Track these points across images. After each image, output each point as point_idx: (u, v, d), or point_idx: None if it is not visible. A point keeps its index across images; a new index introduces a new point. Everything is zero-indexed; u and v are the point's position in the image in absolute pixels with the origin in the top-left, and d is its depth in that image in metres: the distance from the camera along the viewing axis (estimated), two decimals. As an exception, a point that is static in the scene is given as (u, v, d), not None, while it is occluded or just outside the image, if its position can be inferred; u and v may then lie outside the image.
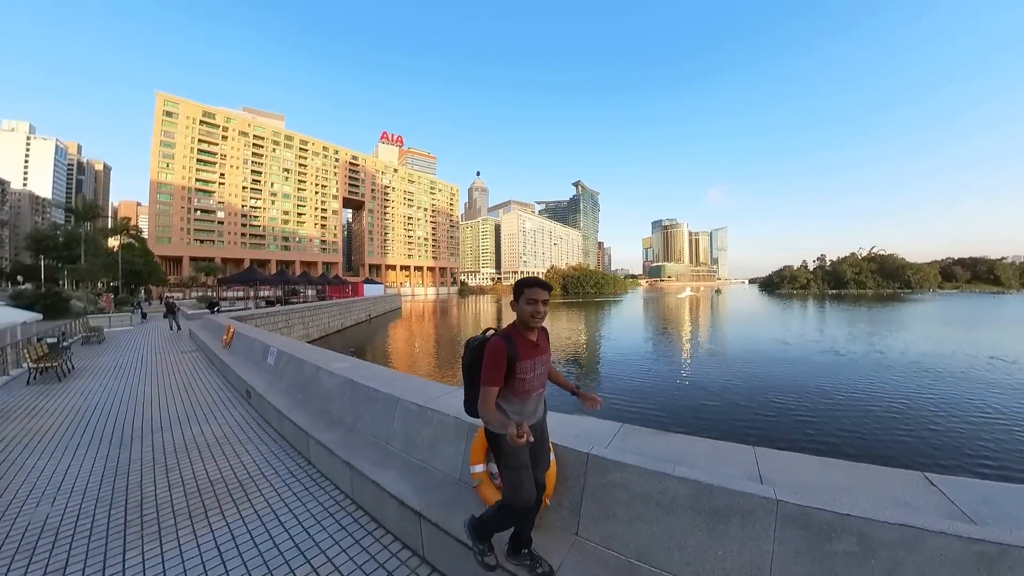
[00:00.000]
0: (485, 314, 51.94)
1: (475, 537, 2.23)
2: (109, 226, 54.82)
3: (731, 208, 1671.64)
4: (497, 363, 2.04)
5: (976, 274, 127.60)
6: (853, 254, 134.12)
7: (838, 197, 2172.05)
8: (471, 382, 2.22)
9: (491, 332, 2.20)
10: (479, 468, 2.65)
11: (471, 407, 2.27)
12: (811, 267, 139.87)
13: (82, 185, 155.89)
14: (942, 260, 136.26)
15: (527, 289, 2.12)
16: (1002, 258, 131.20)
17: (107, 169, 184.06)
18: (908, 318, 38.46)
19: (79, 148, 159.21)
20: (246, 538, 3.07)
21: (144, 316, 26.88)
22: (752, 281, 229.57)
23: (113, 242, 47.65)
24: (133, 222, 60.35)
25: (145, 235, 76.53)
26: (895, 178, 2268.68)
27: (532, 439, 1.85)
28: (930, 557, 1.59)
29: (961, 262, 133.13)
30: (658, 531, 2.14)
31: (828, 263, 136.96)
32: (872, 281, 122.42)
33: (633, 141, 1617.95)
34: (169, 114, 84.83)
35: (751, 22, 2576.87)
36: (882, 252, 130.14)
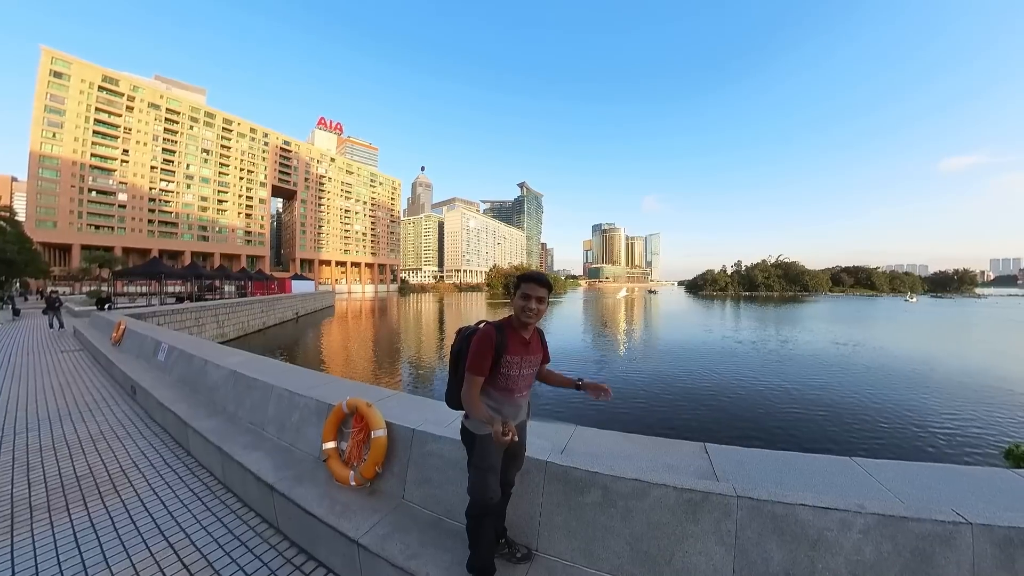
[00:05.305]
0: (427, 314, 51.27)
1: (479, 563, 2.04)
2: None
3: (664, 215, 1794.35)
4: (484, 351, 1.95)
5: (858, 280, 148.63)
6: (764, 261, 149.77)
7: (754, 209, 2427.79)
8: (455, 371, 2.14)
9: (483, 324, 2.11)
10: (329, 445, 3.06)
11: (453, 398, 2.17)
12: (729, 271, 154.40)
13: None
14: (832, 268, 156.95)
15: (524, 284, 2.02)
16: (877, 267, 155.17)
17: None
18: (801, 316, 44.82)
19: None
20: (107, 526, 3.14)
21: (16, 312, 23.34)
22: (681, 283, 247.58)
23: (-23, 224, 40.40)
24: (5, 201, 51.61)
25: (22, 217, 65.60)
26: (799, 195, 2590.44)
27: (516, 438, 1.80)
28: (653, 504, 2.00)
29: (847, 270, 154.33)
30: (462, 491, 2.36)
31: (743, 268, 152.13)
32: (778, 285, 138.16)
33: (578, 149, 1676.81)
34: (58, 75, 72.51)
35: (692, 59, 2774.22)
36: (786, 260, 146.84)
